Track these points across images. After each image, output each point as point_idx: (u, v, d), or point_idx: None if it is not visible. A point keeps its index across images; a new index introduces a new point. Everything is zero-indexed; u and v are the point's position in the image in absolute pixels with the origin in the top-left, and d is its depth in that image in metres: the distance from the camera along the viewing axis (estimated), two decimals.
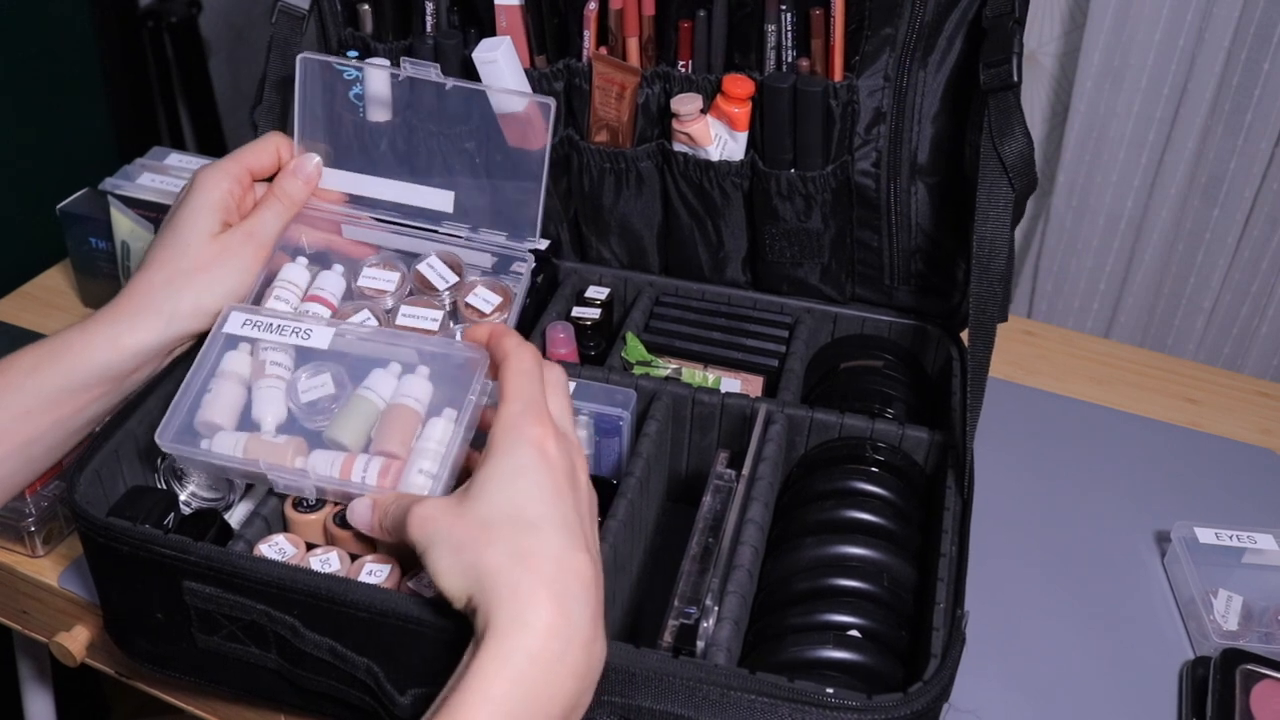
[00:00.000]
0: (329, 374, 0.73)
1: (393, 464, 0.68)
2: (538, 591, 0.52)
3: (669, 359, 0.90)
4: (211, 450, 0.70)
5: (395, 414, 0.70)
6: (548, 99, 0.79)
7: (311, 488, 0.70)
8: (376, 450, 0.69)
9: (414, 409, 0.70)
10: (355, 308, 0.82)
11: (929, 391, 0.89)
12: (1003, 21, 0.76)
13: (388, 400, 0.71)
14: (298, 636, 0.66)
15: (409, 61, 0.81)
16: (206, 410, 0.72)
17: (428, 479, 0.67)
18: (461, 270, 0.85)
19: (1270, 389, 1.07)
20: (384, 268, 0.85)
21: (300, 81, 0.82)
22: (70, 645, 0.83)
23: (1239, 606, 0.82)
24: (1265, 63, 1.12)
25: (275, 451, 0.69)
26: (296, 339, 0.74)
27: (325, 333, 0.74)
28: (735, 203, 0.89)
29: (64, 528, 0.86)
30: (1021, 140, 0.73)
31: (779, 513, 0.79)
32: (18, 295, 1.15)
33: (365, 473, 0.68)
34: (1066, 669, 0.80)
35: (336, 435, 0.70)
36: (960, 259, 0.88)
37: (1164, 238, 1.25)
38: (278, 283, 0.83)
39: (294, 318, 0.75)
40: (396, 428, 0.69)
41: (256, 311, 0.76)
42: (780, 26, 0.83)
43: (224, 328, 0.75)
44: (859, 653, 0.67)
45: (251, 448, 0.70)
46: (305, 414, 0.72)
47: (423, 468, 0.67)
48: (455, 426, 0.69)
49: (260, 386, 0.73)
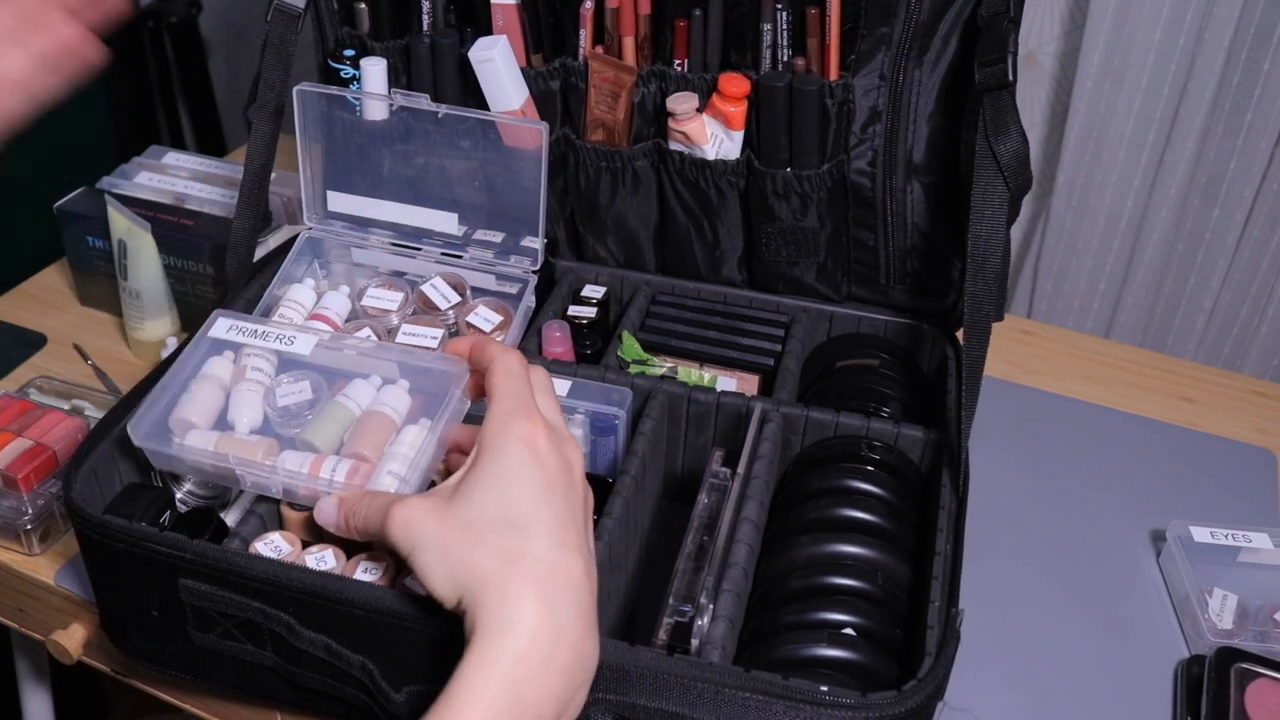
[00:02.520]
0: (308, 382, 0.73)
1: (361, 466, 0.68)
2: (525, 592, 0.52)
3: (665, 358, 0.90)
4: (184, 446, 0.70)
5: (370, 420, 0.71)
6: (541, 123, 0.81)
7: (280, 485, 0.70)
8: (348, 452, 0.69)
9: (390, 417, 0.71)
10: (357, 326, 0.84)
11: (924, 390, 0.89)
12: (998, 21, 0.76)
13: (363, 408, 0.72)
14: (293, 634, 0.66)
15: (399, 93, 0.83)
16: (182, 409, 0.72)
17: (395, 480, 0.67)
18: (464, 291, 0.86)
19: (1267, 389, 1.07)
20: (387, 288, 0.87)
21: (299, 111, 0.84)
22: (67, 643, 0.83)
23: (1234, 605, 0.82)
24: (1265, 63, 1.11)
25: (246, 449, 0.70)
26: (279, 345, 0.74)
27: (308, 340, 0.74)
28: (731, 202, 0.89)
29: (60, 526, 0.87)
30: (1016, 139, 0.73)
31: (774, 511, 0.79)
32: (15, 294, 1.15)
33: (334, 472, 0.68)
34: (1062, 667, 0.80)
35: (309, 437, 0.70)
36: (956, 258, 0.88)
37: (1164, 238, 1.25)
38: (284, 302, 0.84)
39: (278, 325, 0.75)
40: (370, 433, 0.70)
41: (242, 318, 0.76)
42: (776, 25, 0.83)
43: (209, 332, 0.75)
44: (854, 651, 0.67)
45: (223, 445, 0.70)
46: (280, 419, 0.72)
47: (392, 469, 0.68)
48: (428, 435, 0.69)
49: (238, 389, 0.73)
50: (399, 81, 0.91)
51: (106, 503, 0.74)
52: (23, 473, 0.83)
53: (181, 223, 1.02)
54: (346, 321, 0.85)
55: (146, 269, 1.00)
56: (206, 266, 1.01)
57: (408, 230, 0.89)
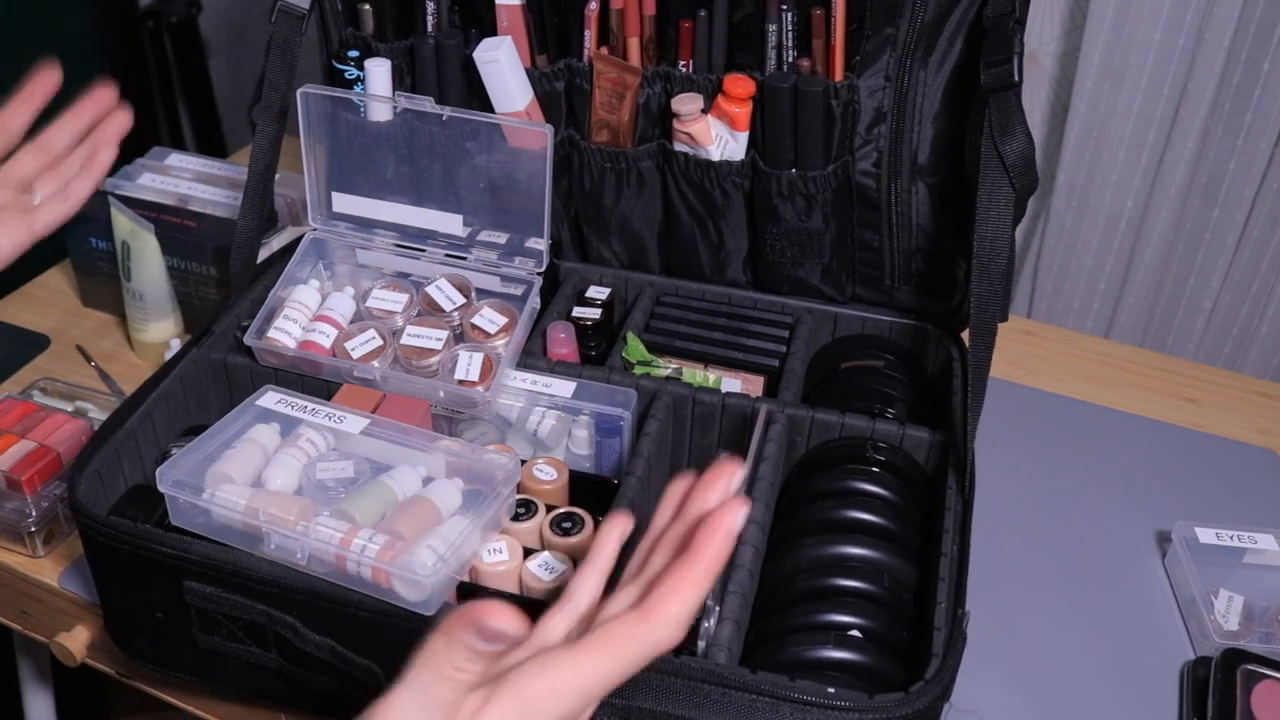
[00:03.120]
0: (352, 462, 0.72)
1: (397, 543, 0.65)
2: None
3: (670, 359, 0.90)
4: (214, 497, 0.67)
5: (417, 505, 0.68)
6: (546, 126, 0.82)
7: (307, 550, 0.66)
8: (384, 528, 0.67)
9: (436, 506, 0.69)
10: (361, 327, 0.84)
11: (929, 391, 0.89)
12: (1003, 21, 0.76)
13: (408, 493, 0.70)
14: (298, 636, 0.66)
15: (404, 95, 0.83)
16: (224, 464, 0.70)
17: (434, 556, 0.65)
18: (469, 293, 0.87)
19: (1269, 389, 1.07)
20: (392, 289, 0.87)
21: (303, 112, 0.84)
22: (70, 645, 0.83)
23: (1240, 606, 0.82)
24: (1265, 63, 1.12)
25: (282, 505, 0.67)
26: (329, 422, 0.73)
27: (358, 421, 0.73)
28: (736, 203, 0.89)
29: (64, 528, 0.86)
30: (1022, 140, 0.73)
31: (780, 512, 0.79)
32: (19, 295, 1.15)
33: (369, 541, 0.65)
34: (1067, 669, 0.80)
35: (349, 508, 0.68)
36: (961, 259, 0.88)
37: (1164, 238, 1.25)
38: (288, 303, 0.84)
39: (325, 404, 0.75)
40: (414, 516, 0.67)
41: (289, 392, 0.75)
42: (781, 26, 0.83)
43: (257, 401, 0.75)
44: (860, 653, 0.67)
45: (258, 499, 0.67)
46: (316, 490, 0.70)
47: (432, 545, 0.65)
48: (472, 525, 0.68)
49: (282, 452, 0.72)
50: (403, 82, 0.91)
51: (110, 504, 0.73)
52: (26, 475, 0.83)
53: (185, 224, 1.02)
54: (351, 323, 0.85)
55: (150, 270, 1.00)
56: (210, 268, 1.01)
57: (412, 231, 0.89)
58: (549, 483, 0.76)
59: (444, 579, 0.64)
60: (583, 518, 0.73)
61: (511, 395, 0.81)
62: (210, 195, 1.09)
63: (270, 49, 0.84)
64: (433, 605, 0.64)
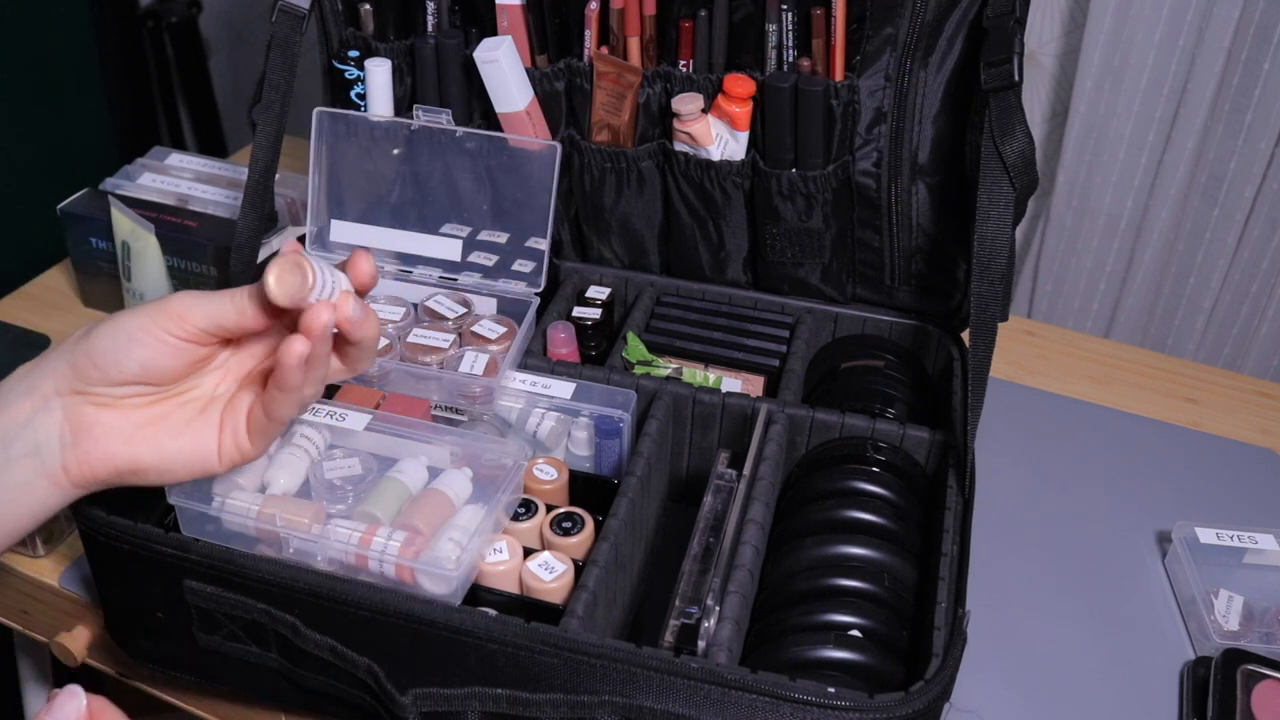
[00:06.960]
0: (359, 459, 0.72)
1: (416, 538, 0.66)
2: None
3: (670, 359, 0.90)
4: (226, 504, 0.67)
5: (430, 497, 0.69)
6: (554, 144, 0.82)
7: (325, 553, 0.66)
8: (401, 524, 0.67)
9: (448, 496, 0.69)
10: None
11: (930, 391, 0.89)
12: (1004, 21, 0.76)
13: (418, 486, 0.70)
14: (298, 636, 0.66)
15: (421, 109, 0.83)
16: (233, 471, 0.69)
17: (457, 548, 0.65)
18: (469, 303, 0.86)
19: (1270, 389, 1.07)
20: (389, 304, 0.87)
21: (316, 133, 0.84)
22: (71, 645, 0.83)
23: (1240, 606, 0.82)
24: (1265, 63, 1.12)
25: (294, 510, 0.67)
26: (330, 420, 0.73)
27: (360, 418, 0.73)
28: (736, 202, 0.89)
29: (64, 527, 0.86)
30: (1023, 140, 0.73)
31: (780, 513, 0.79)
32: (19, 295, 1.15)
33: (389, 539, 0.65)
34: (1068, 668, 0.80)
35: (371, 509, 0.68)
36: (961, 259, 0.88)
37: (1164, 238, 1.25)
38: None
39: (327, 402, 0.75)
40: (429, 510, 0.68)
41: None
42: (781, 26, 0.83)
43: None
44: (860, 652, 0.67)
45: (270, 505, 0.67)
46: (324, 491, 0.70)
47: (453, 536, 0.66)
48: (486, 514, 0.68)
49: (281, 451, 0.71)
50: (403, 83, 0.91)
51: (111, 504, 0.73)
52: None
53: (185, 224, 1.02)
54: None
55: (150, 270, 1.00)
56: (210, 268, 1.01)
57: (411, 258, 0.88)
58: (549, 483, 0.76)
59: (467, 570, 0.66)
60: (583, 518, 0.73)
61: (511, 397, 0.81)
62: (210, 195, 1.09)
63: (270, 49, 0.84)
64: (458, 597, 0.65)
